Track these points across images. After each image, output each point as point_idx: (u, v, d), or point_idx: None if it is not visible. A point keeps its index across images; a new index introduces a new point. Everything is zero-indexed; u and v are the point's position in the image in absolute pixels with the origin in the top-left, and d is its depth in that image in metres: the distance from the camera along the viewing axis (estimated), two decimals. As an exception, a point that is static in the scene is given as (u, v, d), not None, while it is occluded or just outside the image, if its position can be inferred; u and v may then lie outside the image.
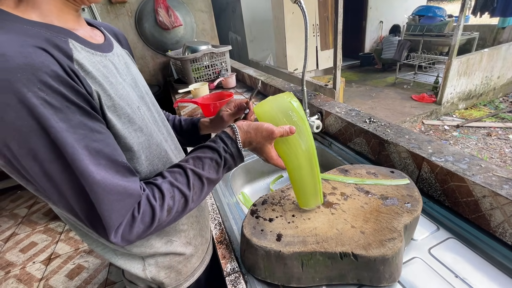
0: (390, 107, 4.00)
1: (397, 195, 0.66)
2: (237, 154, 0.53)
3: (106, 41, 0.51)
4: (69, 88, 0.35)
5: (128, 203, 0.41)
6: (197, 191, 0.49)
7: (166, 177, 0.47)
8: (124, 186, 0.40)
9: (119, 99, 0.44)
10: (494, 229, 0.60)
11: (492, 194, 0.58)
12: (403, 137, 0.83)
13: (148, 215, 0.43)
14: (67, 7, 0.43)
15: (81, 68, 0.39)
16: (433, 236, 0.65)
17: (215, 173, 0.51)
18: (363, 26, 6.13)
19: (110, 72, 0.45)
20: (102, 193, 0.37)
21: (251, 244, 0.58)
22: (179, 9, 2.66)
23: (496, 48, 3.80)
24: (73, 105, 0.35)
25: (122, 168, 0.41)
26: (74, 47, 0.40)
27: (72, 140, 0.35)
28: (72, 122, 0.35)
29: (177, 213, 0.47)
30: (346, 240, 0.56)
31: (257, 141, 0.55)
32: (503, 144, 3.06)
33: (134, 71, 0.56)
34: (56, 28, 0.39)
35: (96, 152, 0.37)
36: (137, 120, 0.48)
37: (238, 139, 0.54)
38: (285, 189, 0.75)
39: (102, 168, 0.38)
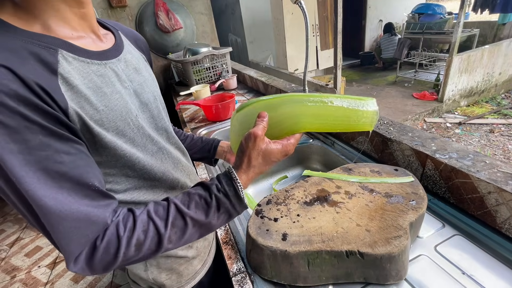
0: (392, 106, 4.00)
1: (402, 193, 0.66)
2: (233, 194, 0.45)
3: (115, 45, 0.50)
4: (31, 107, 0.33)
5: (89, 230, 0.37)
6: (177, 231, 0.42)
7: (147, 207, 0.43)
8: (86, 212, 0.37)
9: (108, 112, 0.43)
10: (500, 225, 0.60)
11: (498, 190, 0.58)
12: (406, 134, 0.83)
13: (113, 246, 0.39)
14: (71, 13, 0.42)
15: (65, 82, 0.38)
16: (438, 234, 0.65)
17: (203, 214, 0.44)
18: (363, 25, 6.13)
19: (106, 82, 0.44)
20: (56, 220, 0.35)
21: (256, 244, 0.58)
22: (179, 12, 2.68)
23: (497, 45, 3.79)
24: (35, 125, 0.33)
25: (91, 192, 0.38)
26: (63, 59, 0.39)
27: (23, 163, 0.32)
28: (30, 143, 0.33)
29: (149, 251, 0.41)
30: (351, 238, 0.56)
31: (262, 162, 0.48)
32: (506, 140, 3.05)
33: (145, 75, 0.55)
34: (47, 39, 0.38)
35: (60, 175, 0.35)
36: (129, 131, 0.47)
37: (235, 177, 0.45)
38: (289, 188, 0.75)
39: (65, 191, 0.35)
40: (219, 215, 0.45)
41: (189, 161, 0.69)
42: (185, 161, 0.67)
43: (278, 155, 0.48)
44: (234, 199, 0.45)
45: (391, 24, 5.28)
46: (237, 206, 0.46)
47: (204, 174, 1.01)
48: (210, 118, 1.54)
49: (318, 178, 0.77)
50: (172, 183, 0.58)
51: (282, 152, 0.48)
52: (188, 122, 1.61)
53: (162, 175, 0.55)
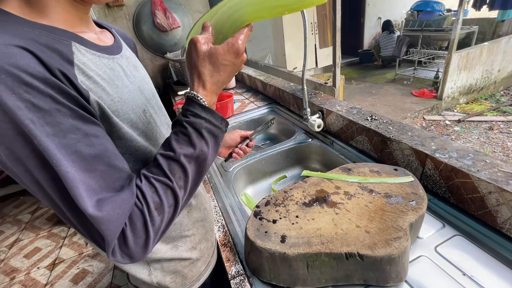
0: (391, 104, 3.99)
1: (402, 193, 0.65)
2: (201, 110, 0.42)
3: (116, 42, 0.51)
4: (59, 91, 0.33)
5: (124, 209, 0.37)
6: (180, 176, 0.41)
7: (141, 175, 0.42)
8: (121, 194, 0.37)
9: (122, 104, 0.44)
10: (501, 225, 0.59)
11: (498, 190, 0.57)
12: (406, 134, 0.82)
13: (139, 220, 0.38)
14: (76, 9, 0.42)
15: (82, 72, 0.38)
16: (439, 234, 0.64)
17: (189, 146, 0.41)
18: (362, 23, 6.11)
19: (116, 75, 0.45)
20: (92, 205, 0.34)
21: (255, 246, 0.58)
22: (177, 10, 2.66)
23: (496, 42, 3.78)
24: (65, 108, 0.33)
25: (123, 174, 0.39)
26: (77, 50, 0.39)
27: (59, 146, 0.32)
28: (63, 126, 0.33)
29: (171, 208, 0.41)
30: (351, 240, 0.55)
31: (212, 69, 0.43)
32: (505, 137, 3.05)
33: (142, 73, 0.56)
34: (60, 31, 0.38)
35: (92, 157, 0.35)
36: (140, 124, 0.47)
37: (193, 94, 0.43)
38: (288, 189, 0.74)
39: (98, 174, 0.35)
40: (204, 139, 0.42)
41: None
42: None
43: (227, 54, 0.43)
44: (204, 113, 0.42)
45: (390, 22, 5.27)
46: (212, 119, 0.43)
47: (203, 175, 1.00)
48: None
49: (317, 178, 0.76)
50: None
51: (229, 50, 0.43)
52: (187, 122, 1.60)
53: None
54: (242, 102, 1.76)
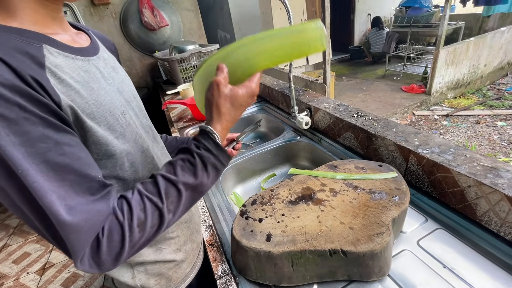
0: (381, 99, 4.04)
1: (385, 189, 0.66)
2: (213, 146, 0.45)
3: (92, 44, 0.50)
4: (28, 98, 0.32)
5: (97, 222, 0.37)
6: (174, 200, 0.43)
7: (136, 188, 0.42)
8: (92, 204, 0.36)
9: (99, 106, 0.43)
10: (480, 218, 0.61)
11: (477, 183, 0.58)
12: (390, 130, 0.83)
13: (117, 233, 0.38)
14: (46, 9, 0.41)
15: (54, 75, 0.37)
16: (422, 228, 0.66)
17: (191, 176, 0.44)
18: (352, 20, 6.14)
19: (92, 77, 0.44)
20: (61, 215, 0.33)
21: (241, 245, 0.58)
22: (165, 8, 2.62)
23: (482, 37, 3.86)
24: (34, 116, 0.32)
25: (95, 184, 0.38)
26: (49, 53, 0.38)
27: (26, 155, 0.31)
28: (31, 135, 0.32)
29: (153, 228, 0.41)
30: (335, 237, 0.56)
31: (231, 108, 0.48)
32: (491, 131, 3.12)
33: (122, 75, 0.55)
34: (30, 34, 0.37)
35: (62, 167, 0.34)
36: (119, 127, 0.46)
37: (210, 129, 0.46)
38: (274, 188, 0.74)
39: (67, 184, 0.34)
40: (208, 172, 0.45)
41: None
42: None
43: (245, 97, 0.49)
44: (216, 150, 0.46)
45: (379, 18, 5.32)
46: (220, 157, 0.46)
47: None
48: (198, 117, 1.52)
49: (303, 176, 0.76)
50: None
51: (247, 93, 0.49)
52: (176, 121, 1.59)
53: (149, 174, 0.54)
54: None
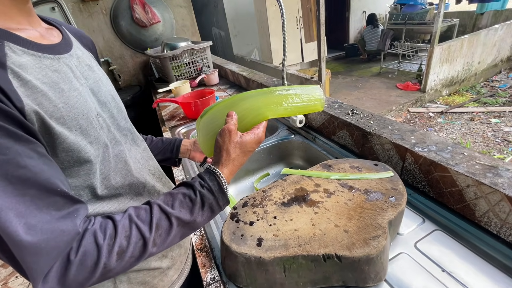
0: (376, 97, 4.03)
1: (381, 189, 0.64)
2: (217, 189, 0.46)
3: (64, 40, 0.46)
4: None
5: (60, 242, 0.33)
6: (162, 233, 0.40)
7: (127, 212, 0.40)
8: (54, 222, 0.33)
9: (69, 109, 0.39)
10: (479, 218, 0.59)
11: (476, 183, 0.56)
12: (386, 128, 0.81)
13: (91, 256, 0.34)
14: (13, 2, 0.37)
15: (17, 77, 0.34)
16: (419, 229, 0.63)
17: (188, 212, 0.43)
18: (347, 17, 6.12)
19: (62, 77, 0.40)
20: (20, 234, 0.30)
21: (230, 251, 0.55)
22: (157, 5, 2.56)
23: (476, 34, 3.87)
24: None
25: (59, 198, 0.34)
26: (11, 51, 0.35)
27: None
28: None
29: (132, 259, 0.38)
30: (329, 241, 0.53)
31: (239, 154, 0.50)
32: (485, 128, 3.13)
33: (99, 73, 0.51)
34: None
35: (22, 181, 0.31)
36: (92, 131, 0.43)
37: (218, 172, 0.47)
38: (267, 189, 0.71)
39: (28, 199, 0.31)
40: (203, 212, 0.45)
41: (157, 163, 0.65)
42: (153, 163, 0.63)
43: (253, 143, 0.51)
44: (218, 193, 0.46)
45: (374, 15, 5.31)
46: (220, 200, 0.47)
47: (181, 176, 0.96)
48: (190, 116, 1.48)
49: (297, 176, 0.74)
50: (138, 189, 0.54)
51: (255, 140, 0.52)
52: (167, 120, 1.55)
53: (126, 181, 0.51)
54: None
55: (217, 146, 0.51)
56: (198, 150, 0.80)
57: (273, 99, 0.55)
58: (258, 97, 0.55)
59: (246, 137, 0.51)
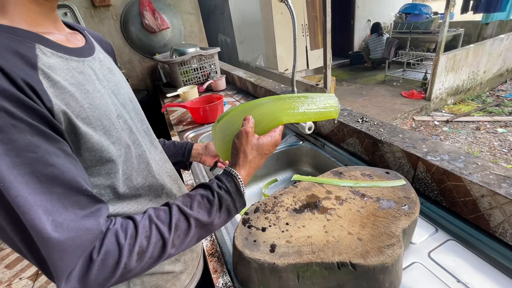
0: (381, 105, 4.03)
1: (394, 197, 0.64)
2: (234, 191, 0.46)
3: (87, 44, 0.48)
4: (18, 104, 0.30)
5: (84, 240, 0.33)
6: (181, 234, 0.41)
7: (147, 212, 0.41)
8: (80, 220, 0.33)
9: (94, 110, 0.40)
10: (494, 229, 0.58)
11: (491, 193, 0.56)
12: (397, 136, 0.81)
13: (113, 256, 0.35)
14: (39, 6, 0.39)
15: (47, 77, 0.35)
16: (432, 239, 0.63)
17: (206, 213, 0.43)
18: (352, 25, 6.18)
19: (87, 79, 0.42)
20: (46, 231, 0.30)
21: (243, 256, 0.55)
22: (166, 11, 2.61)
23: (481, 44, 3.87)
24: (23, 123, 0.30)
25: (83, 198, 0.35)
26: (42, 53, 0.36)
27: (10, 166, 0.29)
28: (18, 143, 0.29)
29: (151, 259, 0.38)
30: (343, 248, 0.53)
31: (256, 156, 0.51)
32: (491, 137, 3.11)
33: (119, 76, 0.53)
34: (22, 32, 0.35)
35: (50, 179, 0.31)
36: (114, 131, 0.44)
37: (235, 173, 0.48)
38: (278, 195, 0.71)
39: (55, 197, 0.32)
40: (221, 214, 0.45)
41: (173, 166, 0.66)
42: (170, 166, 0.64)
43: (269, 146, 0.53)
44: (235, 195, 0.47)
45: (379, 24, 5.36)
46: (237, 202, 0.47)
47: (191, 180, 0.96)
48: (198, 121, 1.50)
49: (308, 183, 0.74)
50: (157, 190, 0.55)
51: (272, 142, 0.53)
52: (175, 124, 1.56)
53: (146, 182, 0.52)
54: (233, 104, 1.73)
55: (234, 148, 0.52)
56: (209, 155, 0.81)
57: (289, 104, 0.56)
58: (274, 103, 0.56)
59: (263, 140, 0.52)
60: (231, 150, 0.53)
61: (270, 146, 0.52)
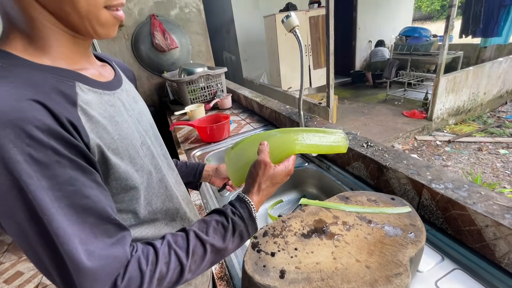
0: (383, 124, 4.08)
1: (400, 224, 0.65)
2: (247, 217, 0.49)
3: (116, 76, 0.51)
4: (62, 141, 0.33)
5: (114, 268, 0.36)
6: (197, 260, 0.43)
7: (165, 238, 0.43)
8: (109, 249, 0.36)
9: (122, 140, 0.43)
10: (499, 259, 0.59)
11: (495, 224, 0.58)
12: (401, 162, 0.83)
13: (135, 283, 0.37)
14: (77, 45, 0.43)
15: (84, 113, 0.38)
16: (439, 267, 0.64)
17: (221, 239, 0.46)
18: (353, 46, 6.36)
19: (117, 111, 0.45)
20: (81, 260, 0.33)
21: (253, 281, 0.56)
22: (175, 32, 2.72)
23: (480, 66, 3.97)
24: (65, 159, 0.33)
25: (111, 226, 0.37)
26: (81, 90, 0.39)
27: (53, 199, 0.32)
28: (60, 178, 0.33)
29: (169, 284, 0.41)
30: (351, 276, 0.54)
31: (270, 185, 0.54)
32: (494, 158, 3.12)
33: (141, 104, 0.56)
34: (63, 72, 0.39)
35: (85, 210, 0.34)
36: (138, 159, 0.47)
37: (248, 200, 0.51)
38: (286, 219, 0.73)
39: (87, 227, 0.34)
40: (234, 239, 0.48)
41: (185, 188, 0.68)
42: (183, 188, 0.66)
43: (283, 175, 0.55)
44: (248, 220, 0.50)
45: (383, 42, 5.76)
46: (250, 227, 0.50)
47: (198, 200, 0.98)
48: (205, 139, 1.53)
49: (315, 207, 0.75)
50: (172, 214, 0.57)
51: (286, 172, 0.56)
52: (182, 142, 1.60)
53: (164, 206, 0.54)
54: (239, 123, 1.77)
55: (251, 176, 0.55)
56: (219, 177, 0.83)
57: (301, 136, 0.60)
58: (288, 133, 0.60)
59: (278, 170, 0.54)
60: (247, 177, 0.56)
61: (283, 176, 0.55)
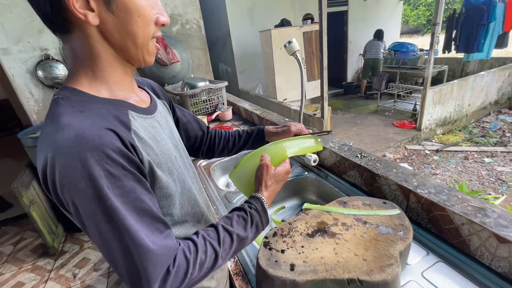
0: (375, 134, 4.25)
1: (391, 224, 0.76)
2: (261, 209, 0.61)
3: (152, 102, 0.60)
4: (127, 159, 0.42)
5: (169, 257, 0.44)
6: (227, 248, 0.53)
7: (199, 233, 0.52)
8: (165, 241, 0.44)
9: (163, 155, 0.52)
10: (474, 252, 0.70)
11: (469, 222, 0.69)
12: (391, 171, 0.95)
13: (183, 269, 0.45)
14: (125, 74, 0.52)
15: (136, 136, 0.47)
16: (424, 261, 0.74)
17: (243, 229, 0.56)
18: (345, 59, 6.63)
19: (157, 131, 0.54)
20: (146, 251, 0.41)
21: (267, 274, 0.65)
22: (177, 46, 2.85)
23: (464, 80, 4.22)
24: (129, 173, 0.42)
25: (161, 224, 0.46)
26: (132, 117, 0.49)
27: (123, 203, 0.41)
28: (127, 188, 0.41)
29: (207, 269, 0.49)
30: (351, 267, 0.64)
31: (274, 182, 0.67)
32: (479, 167, 3.29)
33: (171, 123, 0.65)
34: (119, 103, 0.48)
35: (143, 212, 0.43)
36: (175, 171, 0.56)
37: (260, 195, 0.64)
38: (292, 221, 0.83)
39: (145, 225, 0.43)
40: (252, 229, 0.58)
41: (206, 195, 0.77)
42: (204, 195, 0.75)
43: (283, 174, 0.69)
44: (262, 212, 0.61)
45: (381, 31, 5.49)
46: (263, 218, 0.62)
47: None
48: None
49: (317, 211, 0.86)
50: (198, 216, 0.66)
51: (285, 171, 0.70)
52: (188, 153, 1.68)
53: (192, 210, 0.63)
54: (240, 134, 1.87)
55: (257, 178, 0.68)
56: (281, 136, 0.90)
57: (289, 145, 0.79)
58: (277, 144, 0.78)
59: (278, 169, 0.68)
60: (255, 181, 0.68)
61: (283, 174, 0.69)
